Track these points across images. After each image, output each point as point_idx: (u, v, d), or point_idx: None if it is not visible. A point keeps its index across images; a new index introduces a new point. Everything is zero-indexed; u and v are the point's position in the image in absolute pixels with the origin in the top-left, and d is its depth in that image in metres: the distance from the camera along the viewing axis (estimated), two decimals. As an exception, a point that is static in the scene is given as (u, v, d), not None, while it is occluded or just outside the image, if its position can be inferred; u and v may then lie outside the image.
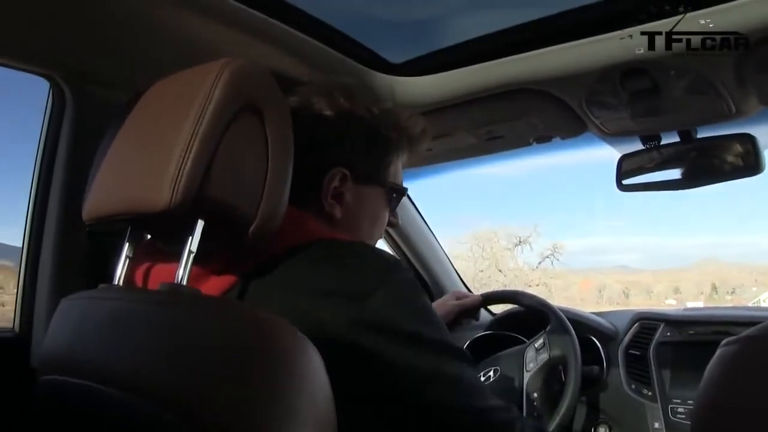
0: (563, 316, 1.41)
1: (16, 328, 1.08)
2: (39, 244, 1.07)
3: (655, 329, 1.53)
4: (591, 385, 1.49)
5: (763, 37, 0.95)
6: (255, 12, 0.97)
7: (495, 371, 1.38)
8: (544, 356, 1.32)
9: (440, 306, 1.40)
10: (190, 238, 0.64)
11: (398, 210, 0.98)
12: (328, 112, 0.84)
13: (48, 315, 1.03)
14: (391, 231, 1.88)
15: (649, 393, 1.45)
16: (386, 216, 0.93)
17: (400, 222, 1.00)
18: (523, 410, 1.26)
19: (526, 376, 1.31)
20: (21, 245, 1.09)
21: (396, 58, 1.28)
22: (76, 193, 1.02)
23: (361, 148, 0.86)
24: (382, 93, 1.27)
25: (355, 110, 0.86)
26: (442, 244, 2.06)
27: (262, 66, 0.69)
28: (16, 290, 1.09)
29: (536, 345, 1.36)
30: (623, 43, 1.03)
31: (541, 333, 1.38)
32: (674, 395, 1.43)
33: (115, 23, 0.92)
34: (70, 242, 1.06)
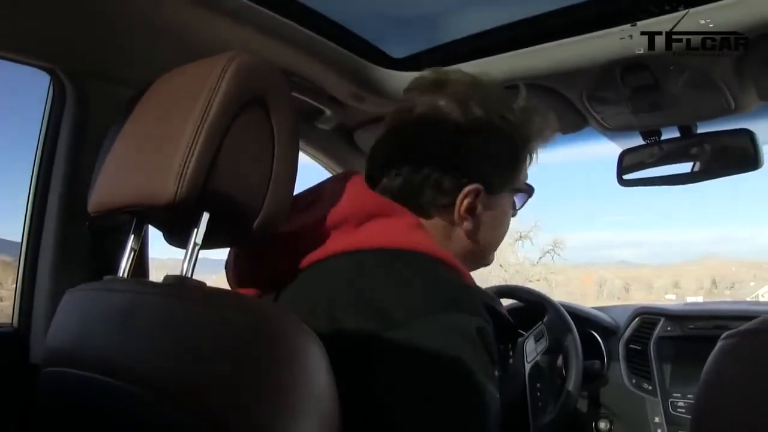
0: (562, 308, 1.42)
1: (15, 324, 1.07)
2: (38, 239, 1.07)
3: (655, 324, 1.53)
4: (592, 380, 1.50)
5: (763, 34, 0.95)
6: (257, 6, 0.97)
7: (496, 365, 1.39)
8: (543, 345, 1.35)
9: None
10: (195, 230, 0.64)
11: None
12: (460, 121, 0.78)
13: (47, 310, 1.03)
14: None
15: (650, 387, 1.46)
16: (510, 215, 0.89)
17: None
18: (527, 402, 1.28)
19: (528, 367, 1.32)
20: (20, 240, 1.09)
21: (397, 52, 1.28)
22: (77, 187, 1.02)
23: (497, 162, 0.80)
24: (383, 88, 1.27)
25: (489, 119, 0.79)
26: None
27: (268, 60, 0.69)
28: (14, 285, 1.09)
29: (534, 334, 1.37)
30: (623, 43, 1.03)
31: (538, 324, 1.40)
32: (674, 389, 1.44)
33: (117, 18, 0.92)
34: (70, 237, 1.06)
